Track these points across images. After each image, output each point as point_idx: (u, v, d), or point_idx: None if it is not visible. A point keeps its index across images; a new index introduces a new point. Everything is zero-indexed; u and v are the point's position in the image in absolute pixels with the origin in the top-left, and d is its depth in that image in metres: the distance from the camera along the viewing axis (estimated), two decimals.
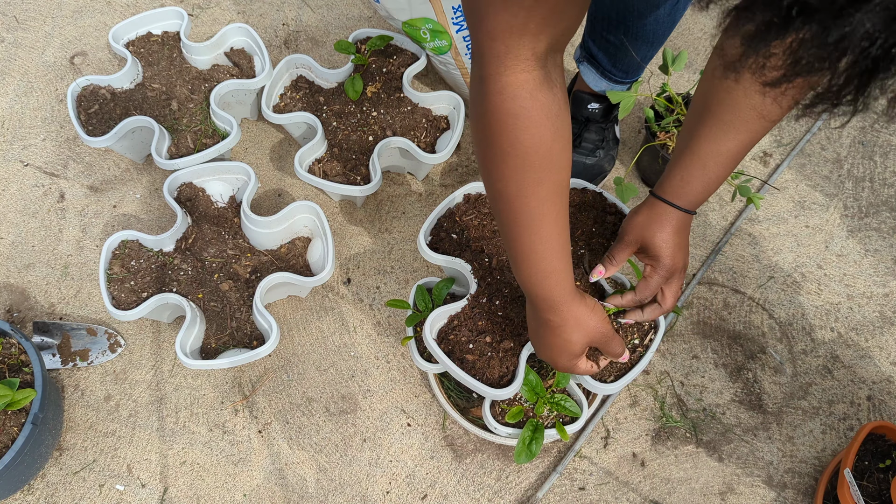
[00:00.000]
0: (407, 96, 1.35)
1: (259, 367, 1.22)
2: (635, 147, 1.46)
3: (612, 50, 1.20)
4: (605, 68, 1.25)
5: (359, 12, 1.64)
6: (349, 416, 1.19)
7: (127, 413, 1.18)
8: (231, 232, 1.23)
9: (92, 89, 1.33)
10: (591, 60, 1.26)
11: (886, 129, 1.50)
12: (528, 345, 0.95)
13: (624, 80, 1.26)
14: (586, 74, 1.29)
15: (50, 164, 1.41)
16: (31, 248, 1.32)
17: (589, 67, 1.28)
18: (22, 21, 1.59)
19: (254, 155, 1.44)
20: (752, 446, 1.17)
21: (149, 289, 1.15)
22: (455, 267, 1.01)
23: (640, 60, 1.19)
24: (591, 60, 1.26)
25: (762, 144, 1.48)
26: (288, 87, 1.37)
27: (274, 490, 1.13)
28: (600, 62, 1.24)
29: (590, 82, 1.30)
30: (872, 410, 1.21)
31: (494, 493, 1.13)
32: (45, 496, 1.11)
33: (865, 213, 1.40)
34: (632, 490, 1.14)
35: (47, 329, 1.21)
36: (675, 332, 1.27)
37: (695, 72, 1.56)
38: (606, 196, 1.07)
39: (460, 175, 1.42)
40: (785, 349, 1.26)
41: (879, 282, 1.33)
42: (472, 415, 1.10)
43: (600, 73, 1.26)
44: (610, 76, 1.26)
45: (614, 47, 1.19)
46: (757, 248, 1.36)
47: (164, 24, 1.42)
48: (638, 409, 1.20)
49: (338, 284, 1.30)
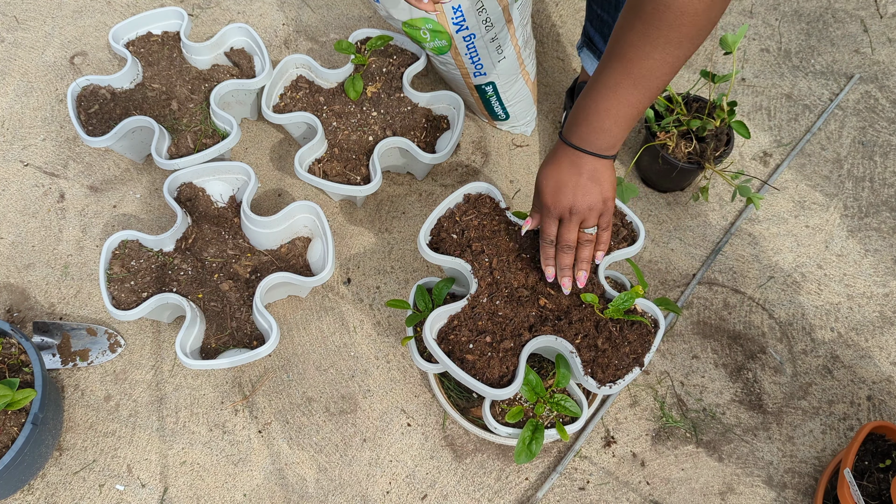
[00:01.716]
0: (407, 96, 1.35)
1: (259, 367, 1.22)
2: (635, 147, 1.46)
3: (607, 31, 1.20)
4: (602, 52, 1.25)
5: (359, 12, 1.64)
6: (349, 416, 1.19)
7: (127, 413, 1.18)
8: (231, 232, 1.23)
9: (92, 89, 1.33)
10: (590, 45, 1.26)
11: (887, 129, 1.50)
12: (528, 345, 0.95)
13: None
14: (586, 62, 1.29)
15: (50, 164, 1.41)
16: (31, 248, 1.32)
17: (588, 54, 1.28)
18: (22, 21, 1.59)
19: (254, 155, 1.44)
20: (752, 446, 1.17)
21: (149, 289, 1.15)
22: (455, 267, 1.01)
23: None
24: (590, 45, 1.26)
25: (762, 144, 1.48)
26: (288, 87, 1.37)
27: (274, 490, 1.13)
28: (598, 45, 1.24)
29: (589, 69, 1.30)
30: (872, 410, 1.21)
31: (494, 493, 1.13)
32: (45, 496, 1.11)
33: (865, 213, 1.40)
34: (632, 490, 1.14)
35: (47, 329, 1.21)
36: (675, 332, 1.27)
37: (695, 72, 1.56)
38: None
39: (460, 175, 1.42)
40: (785, 349, 1.26)
41: (879, 282, 1.33)
42: (472, 415, 1.10)
43: (598, 57, 1.26)
44: None
45: (608, 27, 1.19)
46: (757, 248, 1.36)
47: (164, 24, 1.42)
48: (638, 409, 1.20)
49: (338, 284, 1.30)
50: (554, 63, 1.58)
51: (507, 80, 1.34)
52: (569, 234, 0.91)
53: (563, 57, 1.59)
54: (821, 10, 1.69)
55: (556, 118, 1.50)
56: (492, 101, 1.38)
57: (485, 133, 1.48)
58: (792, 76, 1.58)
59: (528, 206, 1.39)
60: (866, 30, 1.65)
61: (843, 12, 1.68)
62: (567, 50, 1.60)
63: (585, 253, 0.93)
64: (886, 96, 1.55)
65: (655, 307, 0.99)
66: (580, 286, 0.94)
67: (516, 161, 1.45)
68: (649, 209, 1.39)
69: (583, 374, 0.93)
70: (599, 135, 0.85)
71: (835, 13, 1.68)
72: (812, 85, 1.56)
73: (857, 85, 1.56)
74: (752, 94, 1.55)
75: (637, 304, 0.98)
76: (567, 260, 0.93)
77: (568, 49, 1.60)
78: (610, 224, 0.94)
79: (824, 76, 1.58)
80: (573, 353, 0.94)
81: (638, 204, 1.40)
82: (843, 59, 1.60)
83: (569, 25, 1.64)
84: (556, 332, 0.95)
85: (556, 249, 0.93)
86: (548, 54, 1.59)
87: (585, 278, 0.94)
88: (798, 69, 1.59)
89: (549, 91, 1.53)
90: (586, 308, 0.97)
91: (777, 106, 1.53)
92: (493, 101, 1.38)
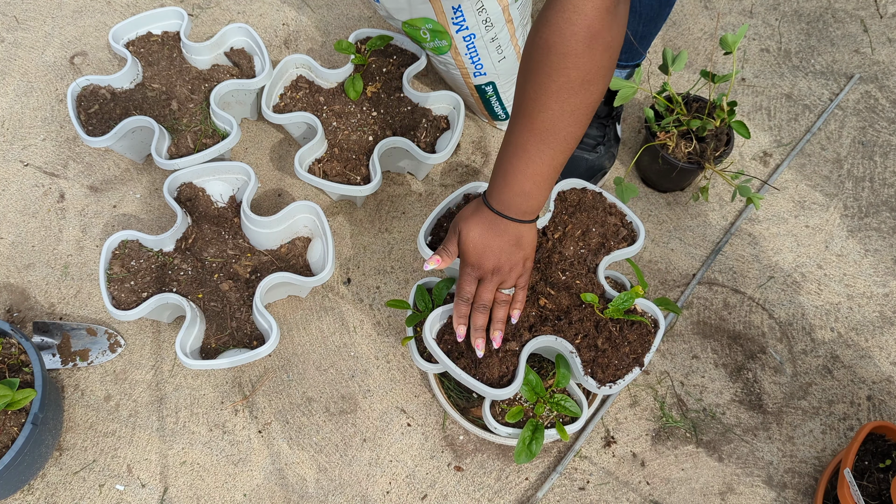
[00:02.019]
0: (407, 96, 1.35)
1: (259, 367, 1.22)
2: (635, 147, 1.46)
3: None
4: None
5: (359, 12, 1.64)
6: (349, 416, 1.19)
7: (127, 413, 1.18)
8: (231, 232, 1.23)
9: (92, 89, 1.33)
10: None
11: (887, 129, 1.50)
12: (528, 345, 0.95)
13: (619, 62, 1.25)
14: None
15: (50, 164, 1.41)
16: (31, 248, 1.32)
17: None
18: (22, 21, 1.59)
19: (254, 155, 1.44)
20: (752, 446, 1.17)
21: (149, 289, 1.15)
22: (455, 267, 1.01)
23: (632, 37, 1.18)
24: None
25: (762, 144, 1.48)
26: (288, 87, 1.37)
27: (274, 490, 1.13)
28: None
29: None
30: (872, 410, 1.21)
31: (494, 493, 1.13)
32: (45, 496, 1.11)
33: (865, 213, 1.40)
34: (632, 490, 1.14)
35: (47, 329, 1.21)
36: (675, 332, 1.27)
37: (695, 72, 1.56)
38: (606, 196, 1.07)
39: (460, 175, 1.42)
40: (785, 349, 1.26)
41: (879, 282, 1.33)
42: (472, 415, 1.10)
43: None
44: None
45: None
46: (757, 248, 1.36)
47: (164, 24, 1.42)
48: (638, 409, 1.20)
49: (338, 284, 1.30)
50: None
51: (507, 80, 1.34)
52: (487, 294, 0.91)
53: None
54: (821, 10, 1.69)
55: None
56: (492, 101, 1.38)
57: (485, 133, 1.48)
58: (792, 76, 1.58)
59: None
60: (866, 30, 1.65)
61: (843, 12, 1.68)
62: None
63: (501, 313, 0.93)
64: (886, 96, 1.55)
65: (655, 307, 0.99)
66: (496, 346, 0.93)
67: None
68: (649, 209, 1.40)
69: (583, 374, 0.93)
70: (521, 199, 0.86)
71: (835, 13, 1.68)
72: (812, 85, 1.56)
73: (857, 85, 1.56)
74: (752, 94, 1.55)
75: (637, 304, 0.99)
76: (482, 320, 0.92)
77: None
78: (527, 284, 0.94)
79: (824, 76, 1.58)
80: (573, 353, 0.94)
81: (638, 204, 1.40)
82: (843, 59, 1.60)
83: None
84: (556, 332, 0.95)
85: (472, 309, 0.92)
86: None
87: (501, 338, 0.93)
88: (798, 69, 1.59)
89: None
90: (586, 308, 0.97)
91: (777, 106, 1.53)
92: (493, 101, 1.38)
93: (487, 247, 0.89)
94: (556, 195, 1.07)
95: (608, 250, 1.03)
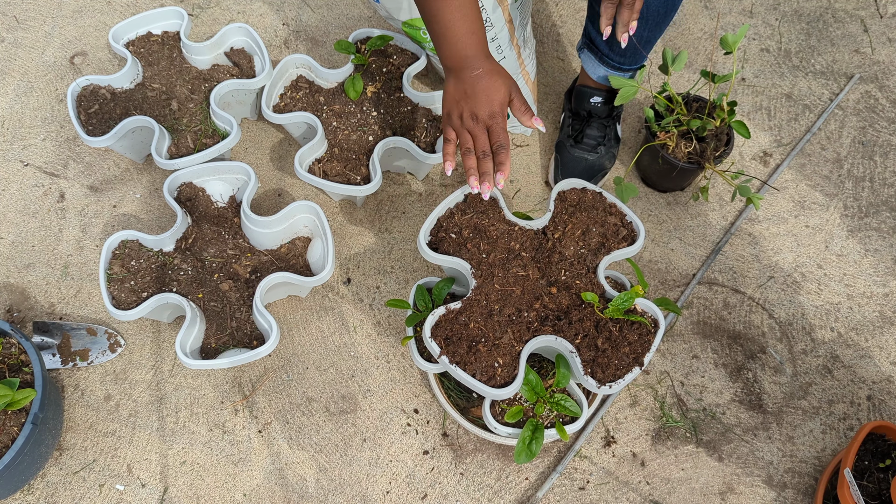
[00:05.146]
0: (407, 96, 1.35)
1: (259, 367, 1.22)
2: (635, 147, 1.46)
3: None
4: (603, 52, 1.25)
5: (359, 12, 1.64)
6: (349, 416, 1.19)
7: (127, 413, 1.18)
8: (231, 232, 1.23)
9: (92, 89, 1.33)
10: (591, 46, 1.26)
11: (887, 129, 1.50)
12: (528, 344, 0.95)
13: (622, 65, 1.25)
14: (586, 62, 1.29)
15: (50, 164, 1.41)
16: (31, 248, 1.32)
17: (588, 55, 1.28)
18: (22, 21, 1.59)
19: (254, 155, 1.44)
20: (752, 446, 1.17)
21: (149, 289, 1.15)
22: (455, 267, 1.01)
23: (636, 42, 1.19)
24: (591, 46, 1.26)
25: (762, 144, 1.48)
26: (288, 86, 1.37)
27: (274, 490, 1.13)
28: (599, 47, 1.24)
29: (589, 70, 1.30)
30: (872, 410, 1.21)
31: (494, 493, 1.13)
32: (45, 496, 1.11)
33: (865, 213, 1.40)
34: (632, 490, 1.14)
35: (47, 329, 1.21)
36: (675, 332, 1.27)
37: (695, 72, 1.56)
38: (606, 196, 1.07)
39: (460, 175, 1.42)
40: (785, 349, 1.26)
41: (879, 282, 1.33)
42: (472, 415, 1.10)
43: (598, 58, 1.26)
44: (608, 61, 1.26)
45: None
46: (757, 248, 1.36)
47: (164, 24, 1.42)
48: (638, 409, 1.20)
49: (338, 284, 1.30)
50: (554, 63, 1.58)
51: None
52: (471, 139, 1.00)
53: (563, 57, 1.59)
54: (821, 10, 1.69)
55: (556, 118, 1.50)
56: None
57: None
58: (792, 76, 1.58)
59: (528, 206, 1.39)
60: (866, 30, 1.65)
61: (843, 12, 1.68)
62: (567, 50, 1.60)
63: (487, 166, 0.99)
64: (886, 96, 1.55)
65: (655, 307, 0.99)
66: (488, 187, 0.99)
67: (516, 161, 1.45)
68: (649, 209, 1.40)
69: (583, 373, 0.93)
70: (456, 46, 0.97)
71: (835, 13, 1.68)
72: (812, 85, 1.56)
73: (857, 85, 1.56)
74: (752, 94, 1.55)
75: (637, 304, 0.98)
76: (471, 161, 0.99)
77: (568, 49, 1.60)
78: (507, 140, 1.00)
79: (824, 76, 1.58)
80: (573, 353, 0.94)
81: (638, 204, 1.40)
82: (843, 59, 1.60)
83: (569, 25, 1.64)
84: (556, 332, 0.95)
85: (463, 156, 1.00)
86: (548, 54, 1.59)
87: (490, 188, 0.99)
88: (798, 69, 1.59)
89: (549, 91, 1.54)
90: (586, 308, 0.97)
91: (777, 106, 1.53)
92: None
93: (459, 95, 0.99)
94: (557, 195, 1.07)
95: (608, 250, 1.03)
